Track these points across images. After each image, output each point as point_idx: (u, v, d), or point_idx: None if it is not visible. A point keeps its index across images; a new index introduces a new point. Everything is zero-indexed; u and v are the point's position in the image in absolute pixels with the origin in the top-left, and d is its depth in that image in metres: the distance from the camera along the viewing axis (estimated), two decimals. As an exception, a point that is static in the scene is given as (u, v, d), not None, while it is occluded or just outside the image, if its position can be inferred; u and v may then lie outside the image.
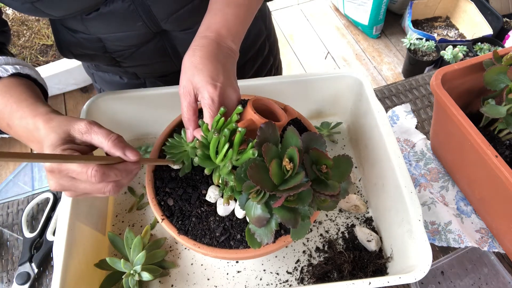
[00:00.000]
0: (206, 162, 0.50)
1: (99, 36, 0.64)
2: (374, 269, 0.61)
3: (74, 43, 0.67)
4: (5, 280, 0.67)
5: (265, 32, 0.85)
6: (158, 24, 0.63)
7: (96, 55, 0.69)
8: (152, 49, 0.69)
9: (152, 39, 0.67)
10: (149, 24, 0.63)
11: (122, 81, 0.79)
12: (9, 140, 1.93)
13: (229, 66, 0.52)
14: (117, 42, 0.65)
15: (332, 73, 0.73)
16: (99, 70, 0.80)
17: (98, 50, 0.67)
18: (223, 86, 0.49)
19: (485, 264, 0.65)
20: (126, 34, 0.64)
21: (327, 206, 0.47)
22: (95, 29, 0.62)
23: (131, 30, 0.63)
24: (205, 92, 0.48)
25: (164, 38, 0.68)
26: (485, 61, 0.63)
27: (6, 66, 0.52)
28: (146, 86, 0.80)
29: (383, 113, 0.65)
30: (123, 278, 0.58)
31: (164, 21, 0.63)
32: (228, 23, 0.54)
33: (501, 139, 0.65)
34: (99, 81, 0.83)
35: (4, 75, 0.52)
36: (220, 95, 0.48)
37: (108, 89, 0.83)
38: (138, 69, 0.75)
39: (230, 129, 0.46)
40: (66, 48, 0.69)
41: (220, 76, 0.49)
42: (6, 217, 0.74)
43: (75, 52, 0.69)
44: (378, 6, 2.23)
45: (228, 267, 0.64)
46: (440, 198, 0.73)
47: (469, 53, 2.01)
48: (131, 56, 0.69)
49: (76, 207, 0.58)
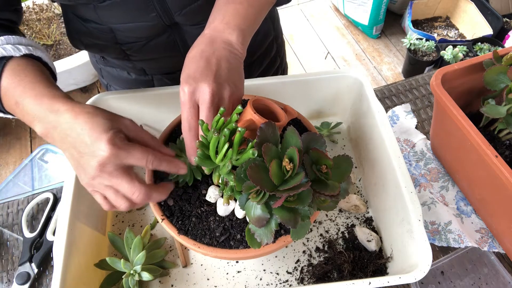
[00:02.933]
0: (205, 162, 0.50)
1: (111, 26, 0.63)
2: (374, 269, 0.61)
3: (85, 32, 0.66)
4: (5, 280, 0.67)
5: (273, 33, 0.85)
6: (172, 16, 0.63)
7: (106, 46, 0.68)
8: (163, 42, 0.68)
9: (163, 33, 0.67)
10: (162, 15, 0.62)
11: (129, 77, 0.79)
12: (9, 140, 1.94)
13: (221, 61, 0.49)
14: (129, 33, 0.65)
15: (332, 73, 0.73)
16: (107, 65, 0.79)
17: (109, 41, 0.67)
18: (196, 83, 0.47)
19: (485, 264, 0.65)
20: (139, 25, 0.63)
21: (327, 206, 0.47)
22: (107, 19, 0.62)
23: (144, 21, 0.63)
24: (180, 90, 0.48)
25: (175, 32, 0.68)
26: (485, 61, 0.63)
27: (19, 46, 0.51)
28: (153, 83, 0.80)
29: (383, 113, 0.65)
30: (123, 278, 0.58)
31: (177, 13, 0.63)
32: (226, 18, 0.52)
33: (501, 139, 0.65)
34: (106, 76, 0.83)
35: (17, 54, 0.50)
36: (191, 92, 0.47)
37: (115, 84, 0.83)
38: (146, 63, 0.74)
39: (230, 129, 0.46)
40: (77, 38, 0.68)
41: (198, 73, 0.48)
42: (6, 217, 0.74)
43: (85, 42, 0.68)
44: (378, 6, 2.23)
45: (228, 267, 0.64)
46: (440, 198, 0.73)
47: (469, 53, 2.01)
48: (141, 49, 0.69)
49: (76, 207, 0.58)
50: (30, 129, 1.98)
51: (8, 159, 1.88)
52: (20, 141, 1.94)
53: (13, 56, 0.49)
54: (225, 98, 0.48)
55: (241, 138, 0.46)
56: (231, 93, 0.48)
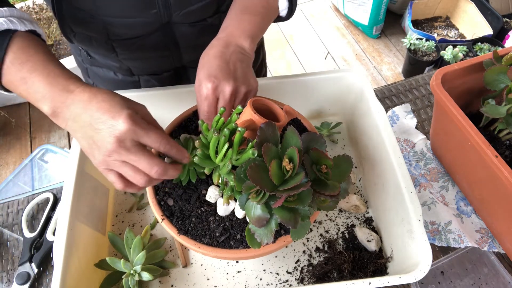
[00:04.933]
0: (205, 161, 0.50)
1: (104, 20, 0.62)
2: (374, 269, 0.61)
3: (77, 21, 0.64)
4: (5, 280, 0.67)
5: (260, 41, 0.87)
6: (171, 14, 0.63)
7: (96, 39, 0.67)
8: (154, 41, 0.68)
9: (156, 31, 0.67)
10: (162, 13, 0.63)
11: (116, 78, 0.78)
12: (9, 140, 1.94)
13: (237, 63, 0.55)
14: (122, 29, 0.64)
15: (332, 73, 0.73)
16: (93, 64, 0.79)
17: (99, 34, 0.65)
18: (218, 81, 0.52)
19: (485, 264, 0.65)
20: (135, 21, 0.63)
21: (327, 206, 0.47)
22: (104, 11, 0.61)
23: (142, 17, 0.62)
24: (203, 86, 0.53)
25: (167, 31, 0.68)
26: (485, 61, 0.63)
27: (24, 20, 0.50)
28: (140, 84, 0.80)
29: (383, 113, 0.65)
30: (123, 278, 0.58)
31: (177, 12, 0.63)
32: (242, 26, 0.58)
33: (501, 139, 0.65)
34: (92, 76, 0.82)
35: (23, 28, 0.49)
36: (213, 88, 0.52)
37: (102, 85, 0.82)
38: (134, 62, 0.74)
39: (230, 129, 0.46)
40: (67, 25, 0.65)
41: (219, 72, 0.52)
42: (6, 217, 0.74)
43: (76, 30, 0.66)
44: (378, 6, 2.23)
45: (228, 267, 0.64)
46: (440, 198, 0.73)
47: (469, 53, 2.01)
48: (131, 46, 0.68)
49: (76, 207, 0.58)
50: (30, 129, 1.98)
51: (8, 159, 1.88)
52: (20, 141, 1.94)
53: (18, 30, 0.48)
54: (241, 96, 0.54)
55: (241, 138, 0.46)
56: (246, 90, 0.54)
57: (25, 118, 2.02)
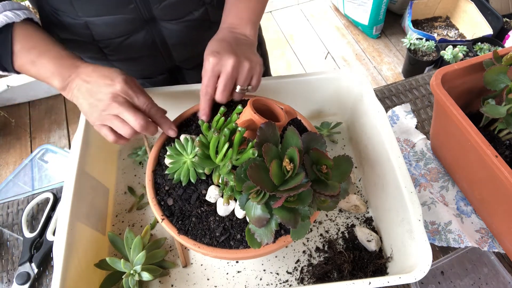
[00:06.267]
0: (205, 161, 0.50)
1: (86, 21, 0.63)
2: (374, 269, 0.61)
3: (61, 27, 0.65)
4: (5, 280, 0.67)
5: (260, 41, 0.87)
6: (150, 9, 0.63)
7: (84, 42, 0.67)
8: (141, 40, 0.68)
9: (141, 29, 0.67)
10: (141, 7, 0.63)
11: None
12: (9, 140, 1.94)
13: (240, 44, 0.59)
14: (105, 28, 0.64)
15: (332, 73, 0.73)
16: None
17: (86, 37, 0.66)
18: (220, 56, 0.55)
19: (485, 264, 0.65)
20: (116, 18, 0.63)
21: (327, 206, 0.47)
22: (83, 11, 0.61)
23: (122, 14, 0.62)
24: (206, 61, 0.56)
25: (153, 29, 0.68)
26: (485, 61, 0.63)
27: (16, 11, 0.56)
28: None
29: (383, 113, 0.65)
30: (123, 278, 0.58)
31: (156, 6, 0.63)
32: (239, 14, 0.62)
33: (501, 139, 0.65)
34: None
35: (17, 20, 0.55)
36: (215, 62, 0.55)
37: None
38: (125, 64, 0.74)
39: (230, 129, 0.46)
40: (54, 32, 0.66)
41: (222, 48, 0.56)
42: (6, 217, 0.74)
43: (62, 37, 0.67)
44: (378, 6, 2.23)
45: (228, 267, 0.64)
46: (440, 198, 0.73)
47: (469, 53, 2.01)
48: (119, 46, 0.68)
49: (76, 207, 0.58)
50: (30, 129, 1.98)
51: (8, 159, 1.88)
52: (20, 141, 1.94)
53: (14, 22, 0.55)
54: (244, 71, 0.57)
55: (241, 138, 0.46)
56: (250, 66, 0.57)
57: (25, 118, 2.02)
